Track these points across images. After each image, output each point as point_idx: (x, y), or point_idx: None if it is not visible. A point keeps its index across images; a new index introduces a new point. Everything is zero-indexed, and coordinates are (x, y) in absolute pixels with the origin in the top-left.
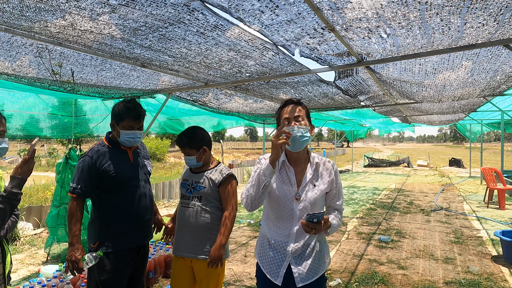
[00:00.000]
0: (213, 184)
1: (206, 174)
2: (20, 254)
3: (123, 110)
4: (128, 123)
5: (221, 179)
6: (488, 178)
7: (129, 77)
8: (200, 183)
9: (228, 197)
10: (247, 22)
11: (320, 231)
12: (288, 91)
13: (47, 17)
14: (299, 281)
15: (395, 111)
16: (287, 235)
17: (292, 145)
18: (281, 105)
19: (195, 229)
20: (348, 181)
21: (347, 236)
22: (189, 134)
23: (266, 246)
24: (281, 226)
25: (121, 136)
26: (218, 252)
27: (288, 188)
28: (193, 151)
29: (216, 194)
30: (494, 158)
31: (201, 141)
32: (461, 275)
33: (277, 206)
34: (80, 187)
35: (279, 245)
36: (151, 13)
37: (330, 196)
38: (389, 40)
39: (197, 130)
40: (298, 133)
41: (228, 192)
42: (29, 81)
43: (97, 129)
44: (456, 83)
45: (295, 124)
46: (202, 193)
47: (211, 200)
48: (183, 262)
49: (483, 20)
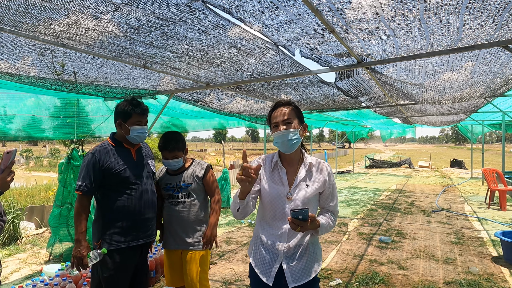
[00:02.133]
0: (198, 178)
1: (188, 172)
2: (22, 253)
3: (130, 107)
4: (136, 119)
5: (203, 172)
6: (489, 179)
7: (130, 73)
8: (185, 182)
9: (212, 185)
10: (248, 22)
11: (307, 229)
12: (289, 92)
13: (51, 15)
14: (291, 282)
15: (396, 112)
16: (279, 235)
17: (283, 148)
18: (271, 107)
19: (186, 223)
20: (349, 182)
21: (348, 237)
22: (175, 138)
23: (259, 246)
24: (274, 226)
25: (131, 133)
26: (211, 232)
27: (279, 188)
28: (181, 153)
29: (201, 187)
30: (495, 159)
31: (184, 143)
32: (461, 275)
33: (269, 206)
34: (85, 184)
35: (271, 245)
36: (154, 12)
37: (323, 197)
38: (388, 41)
39: (178, 134)
40: (287, 137)
41: (210, 181)
42: (32, 80)
43: (99, 129)
44: (456, 85)
45: (283, 128)
46: (190, 190)
47: (198, 194)
48: (174, 255)
49: (482, 22)
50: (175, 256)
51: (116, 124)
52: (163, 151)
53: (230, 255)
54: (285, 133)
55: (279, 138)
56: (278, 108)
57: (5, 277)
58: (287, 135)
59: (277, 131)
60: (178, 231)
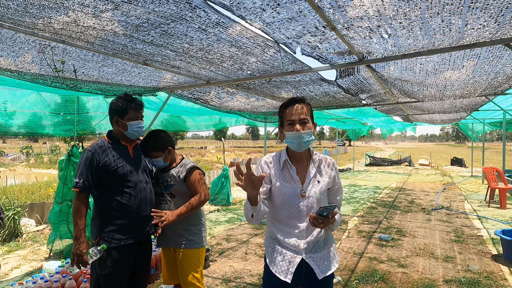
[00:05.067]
0: (179, 179)
1: (172, 172)
2: (22, 250)
3: (125, 103)
4: (133, 114)
5: (185, 173)
6: (489, 177)
7: (131, 73)
8: (169, 182)
9: (196, 186)
10: (249, 20)
11: (328, 225)
12: (289, 90)
13: (50, 14)
14: (319, 273)
15: (397, 110)
16: (297, 233)
17: (298, 147)
18: (285, 103)
19: (174, 222)
20: (350, 180)
21: (348, 234)
22: (154, 138)
23: (275, 246)
24: (290, 224)
25: (129, 128)
26: (170, 215)
27: (292, 186)
28: (159, 153)
29: (185, 188)
30: (496, 157)
31: (166, 142)
32: (461, 273)
33: (283, 205)
34: (82, 181)
35: (290, 243)
36: (154, 10)
37: (332, 192)
38: (390, 40)
39: (161, 133)
40: (303, 139)
41: (194, 182)
42: (32, 77)
43: (99, 126)
44: (457, 83)
45: (300, 129)
46: (173, 190)
47: (181, 195)
48: (169, 251)
49: (484, 22)
50: (170, 254)
51: (113, 122)
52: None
53: (230, 253)
54: (302, 135)
55: (295, 139)
56: (294, 105)
57: (5, 273)
58: (304, 136)
59: (293, 132)
60: (167, 229)
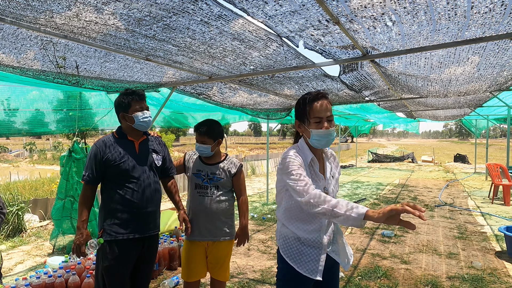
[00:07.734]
0: (230, 175)
1: (221, 166)
2: (26, 245)
3: (128, 97)
4: (137, 105)
5: (235, 170)
6: (493, 174)
7: (133, 68)
8: (217, 174)
9: (241, 185)
10: (251, 13)
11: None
12: (292, 86)
13: (52, 7)
14: (345, 265)
15: (400, 106)
16: (319, 229)
17: (326, 144)
18: (309, 97)
19: (214, 215)
20: (352, 176)
21: (350, 231)
22: (210, 124)
23: (298, 246)
24: (312, 222)
25: (136, 120)
26: (244, 232)
27: (317, 184)
28: (210, 140)
29: (230, 183)
30: (500, 154)
31: (219, 133)
32: (464, 270)
33: None
34: (87, 174)
35: (314, 241)
36: (155, 2)
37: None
38: (394, 28)
39: (217, 123)
40: (332, 136)
41: (241, 180)
42: (34, 73)
43: (102, 122)
44: (462, 78)
45: (329, 126)
46: (220, 183)
47: (226, 188)
48: (199, 246)
49: (490, 4)
50: (198, 248)
51: (120, 118)
52: (195, 132)
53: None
54: (331, 132)
55: (323, 137)
56: (321, 100)
57: (9, 268)
58: (332, 134)
59: (322, 130)
60: (207, 223)
